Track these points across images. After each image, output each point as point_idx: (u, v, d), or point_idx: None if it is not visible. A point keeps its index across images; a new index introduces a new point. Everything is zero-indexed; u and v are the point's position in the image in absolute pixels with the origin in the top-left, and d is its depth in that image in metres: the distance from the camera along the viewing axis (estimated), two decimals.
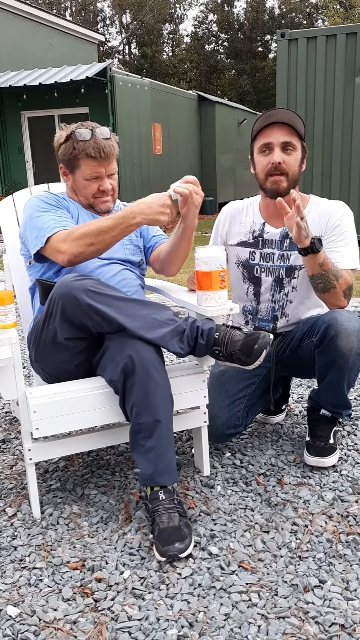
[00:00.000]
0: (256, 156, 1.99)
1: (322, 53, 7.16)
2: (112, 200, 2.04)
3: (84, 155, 1.92)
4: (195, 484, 1.95)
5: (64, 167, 2.01)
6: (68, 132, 1.95)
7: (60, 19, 15.84)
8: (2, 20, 13.07)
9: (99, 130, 1.95)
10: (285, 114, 1.93)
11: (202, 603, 1.43)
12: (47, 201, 1.94)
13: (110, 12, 32.58)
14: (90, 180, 1.97)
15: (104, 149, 1.92)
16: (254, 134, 1.99)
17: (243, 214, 2.16)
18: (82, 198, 2.01)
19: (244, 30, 31.10)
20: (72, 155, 1.95)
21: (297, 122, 1.93)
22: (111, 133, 1.98)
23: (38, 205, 1.92)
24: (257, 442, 2.24)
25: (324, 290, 1.91)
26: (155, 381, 1.66)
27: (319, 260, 1.82)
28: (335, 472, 2.00)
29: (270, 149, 1.94)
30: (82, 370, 1.83)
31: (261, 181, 2.01)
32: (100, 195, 2.00)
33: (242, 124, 16.69)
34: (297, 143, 1.95)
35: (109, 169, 1.97)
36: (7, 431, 2.45)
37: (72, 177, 2.00)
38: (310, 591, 1.45)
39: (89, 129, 1.94)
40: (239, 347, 1.71)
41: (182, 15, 34.29)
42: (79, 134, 1.92)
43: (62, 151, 1.98)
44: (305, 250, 1.81)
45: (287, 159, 1.94)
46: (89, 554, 1.62)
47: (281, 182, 1.95)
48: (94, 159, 1.92)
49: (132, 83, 11.43)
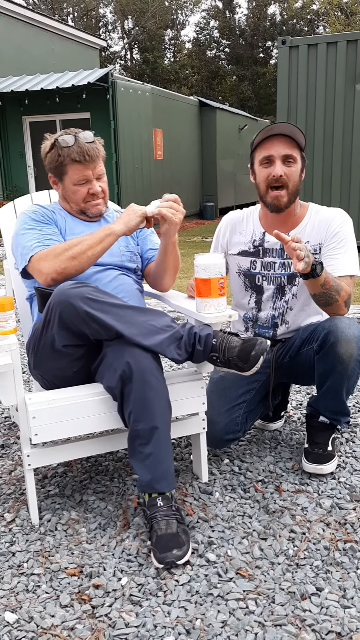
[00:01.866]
0: (257, 167, 2.01)
1: (322, 60, 7.20)
2: (103, 203, 2.05)
3: (70, 161, 1.94)
4: (193, 490, 1.95)
5: (52, 175, 2.03)
6: (52, 141, 1.98)
7: (62, 24, 15.92)
8: (4, 25, 13.14)
9: (82, 134, 1.97)
10: (285, 127, 1.95)
11: (199, 610, 1.43)
12: (34, 217, 1.96)
13: (112, 18, 32.78)
14: (78, 185, 1.98)
15: (88, 151, 1.94)
16: (254, 145, 2.00)
17: (243, 224, 2.17)
18: (73, 205, 2.03)
19: (246, 36, 31.25)
20: (58, 162, 1.96)
21: (297, 134, 1.95)
22: (95, 136, 2.00)
23: (25, 222, 1.95)
24: (256, 449, 2.24)
25: (326, 305, 1.92)
26: (153, 388, 1.67)
27: (320, 282, 1.83)
28: (334, 479, 2.01)
29: (272, 162, 1.96)
30: (80, 377, 1.83)
31: (262, 192, 2.02)
32: (90, 199, 2.01)
33: (243, 130, 16.75)
34: (297, 155, 1.96)
35: (96, 172, 1.98)
36: (6, 436, 2.45)
37: (61, 184, 2.02)
38: (308, 599, 1.45)
39: (72, 135, 1.96)
40: (237, 354, 1.72)
41: (183, 21, 34.44)
42: (62, 141, 1.94)
43: (48, 160, 2.00)
44: (306, 276, 1.81)
45: (287, 171, 1.95)
46: (87, 560, 1.63)
47: (281, 197, 1.97)
48: (80, 163, 1.94)
49: (133, 89, 11.48)
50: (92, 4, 30.90)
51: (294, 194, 1.99)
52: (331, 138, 7.35)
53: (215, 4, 32.40)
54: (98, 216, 2.05)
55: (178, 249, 2.05)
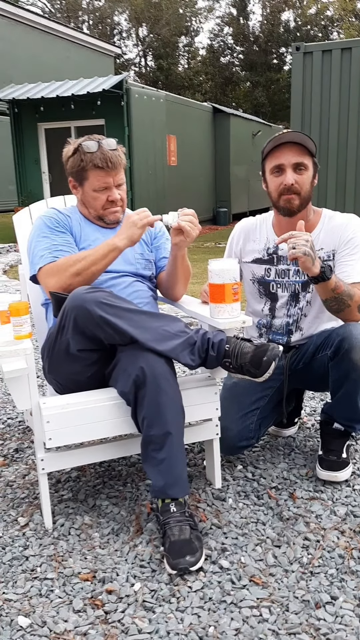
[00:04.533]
0: (268, 176, 2.01)
1: (337, 66, 7.17)
2: (121, 210, 2.06)
3: (92, 167, 1.95)
4: (206, 496, 1.94)
5: (73, 180, 2.04)
6: (75, 146, 1.99)
7: (77, 32, 16.08)
8: (20, 33, 13.29)
9: (105, 141, 1.98)
10: (295, 134, 1.94)
11: (212, 617, 1.42)
12: (49, 224, 1.98)
13: (127, 25, 32.98)
14: (98, 192, 1.99)
15: (111, 159, 1.95)
16: (265, 154, 2.00)
17: (257, 232, 2.17)
18: (92, 210, 2.04)
19: (259, 42, 31.28)
20: (80, 167, 1.97)
21: (307, 141, 1.94)
22: (118, 144, 2.01)
23: (40, 228, 1.97)
24: (269, 455, 2.23)
25: (338, 311, 1.91)
26: (166, 393, 1.67)
27: (330, 286, 1.82)
28: (348, 486, 1.99)
29: (282, 170, 1.95)
30: (94, 382, 1.84)
31: (274, 200, 2.02)
32: (109, 206, 2.02)
33: (257, 136, 16.74)
34: (308, 162, 1.95)
35: (116, 179, 1.99)
36: (20, 440, 2.46)
37: (81, 189, 2.03)
38: (322, 607, 1.44)
39: (96, 141, 1.97)
40: (249, 359, 1.71)
41: (197, 28, 34.56)
42: (86, 147, 1.95)
43: (70, 164, 2.01)
44: (316, 279, 1.81)
45: (299, 179, 1.94)
46: (100, 565, 1.63)
47: (293, 200, 1.96)
48: (102, 169, 1.95)
49: (147, 95, 11.53)
50: (107, 12, 31.16)
51: (306, 199, 1.99)
52: (345, 144, 7.32)
53: (229, 10, 32.52)
54: (115, 223, 2.06)
55: (188, 259, 2.06)
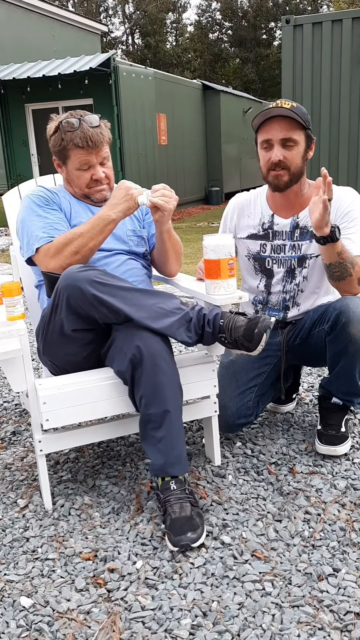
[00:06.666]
0: (259, 150, 1.97)
1: (327, 38, 7.07)
2: (108, 188, 2.01)
3: (72, 146, 1.90)
4: (206, 473, 1.94)
5: (56, 159, 1.99)
6: (57, 123, 1.94)
7: (62, 10, 15.77)
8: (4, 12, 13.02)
9: (87, 118, 1.92)
10: (283, 109, 1.85)
11: (215, 592, 1.42)
12: (38, 202, 1.93)
13: (113, 3, 32.41)
14: (81, 170, 1.95)
15: (92, 137, 1.89)
16: (254, 128, 1.95)
17: (251, 206, 2.13)
18: (76, 189, 1.99)
19: (248, 17, 30.82)
20: (61, 146, 1.93)
21: (297, 114, 1.87)
22: (101, 120, 1.95)
23: (31, 207, 1.92)
24: (268, 432, 2.23)
25: (340, 279, 1.88)
26: (164, 371, 1.65)
27: (337, 249, 1.80)
28: (348, 460, 1.99)
29: (271, 145, 1.91)
30: (90, 362, 1.82)
31: (264, 175, 1.98)
32: (94, 185, 1.98)
33: (248, 113, 16.56)
34: (298, 137, 1.89)
35: (99, 157, 1.94)
36: (17, 423, 2.45)
37: (65, 168, 1.98)
38: (325, 579, 1.44)
39: (77, 118, 1.91)
40: (242, 333, 1.69)
41: (185, 4, 34.02)
42: (66, 124, 1.90)
43: (52, 143, 1.96)
44: (325, 239, 1.78)
45: (287, 155, 1.90)
46: (101, 544, 1.62)
47: (282, 175, 1.92)
48: (82, 149, 1.90)
49: (136, 73, 11.35)
50: None
51: (296, 174, 1.95)
52: (337, 117, 7.25)
53: None
54: (102, 201, 2.01)
55: (175, 234, 2.02)
